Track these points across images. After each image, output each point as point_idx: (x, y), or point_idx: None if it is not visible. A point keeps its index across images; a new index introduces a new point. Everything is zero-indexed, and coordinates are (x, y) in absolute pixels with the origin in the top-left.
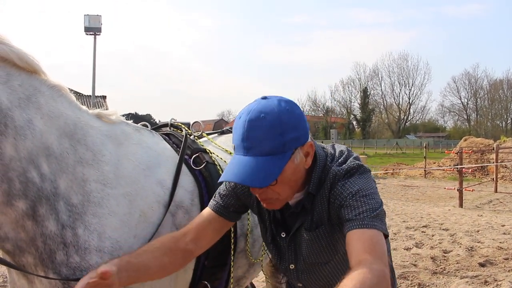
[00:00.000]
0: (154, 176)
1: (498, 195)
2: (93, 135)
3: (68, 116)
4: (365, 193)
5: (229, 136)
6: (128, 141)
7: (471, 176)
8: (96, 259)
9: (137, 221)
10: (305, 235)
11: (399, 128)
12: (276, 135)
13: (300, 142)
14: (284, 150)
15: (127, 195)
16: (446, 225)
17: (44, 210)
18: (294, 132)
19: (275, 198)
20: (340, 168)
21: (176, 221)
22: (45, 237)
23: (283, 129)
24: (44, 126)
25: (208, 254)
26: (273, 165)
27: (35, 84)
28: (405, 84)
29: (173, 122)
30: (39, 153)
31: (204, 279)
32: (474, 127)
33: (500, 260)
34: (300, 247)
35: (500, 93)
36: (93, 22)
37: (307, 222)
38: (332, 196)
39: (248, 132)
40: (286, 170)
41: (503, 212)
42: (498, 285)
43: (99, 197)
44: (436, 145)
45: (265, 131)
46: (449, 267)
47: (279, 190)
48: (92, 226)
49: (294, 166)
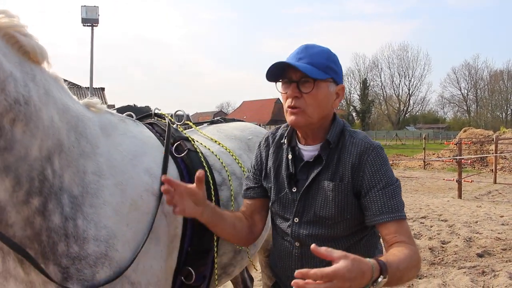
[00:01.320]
0: (141, 165)
1: (497, 186)
2: (90, 127)
3: (71, 109)
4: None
5: (218, 125)
6: (115, 131)
7: (470, 167)
8: (93, 248)
9: (128, 210)
10: (325, 185)
11: (398, 120)
12: (323, 58)
13: (338, 78)
14: (325, 71)
15: (119, 185)
16: (445, 216)
17: (52, 205)
18: (335, 66)
19: (303, 109)
20: (370, 141)
21: (164, 209)
22: (50, 231)
23: (329, 58)
24: (60, 122)
25: (191, 239)
26: (316, 71)
27: (47, 77)
28: (405, 75)
29: (156, 112)
30: (55, 150)
31: (188, 265)
32: (474, 118)
33: (498, 251)
34: (315, 198)
35: (500, 84)
36: (91, 13)
37: (328, 172)
38: (363, 162)
39: (304, 49)
40: (322, 87)
41: (502, 203)
42: (495, 275)
43: (95, 188)
44: (436, 136)
45: (316, 51)
46: (447, 258)
47: (310, 101)
48: (90, 216)
49: (327, 92)
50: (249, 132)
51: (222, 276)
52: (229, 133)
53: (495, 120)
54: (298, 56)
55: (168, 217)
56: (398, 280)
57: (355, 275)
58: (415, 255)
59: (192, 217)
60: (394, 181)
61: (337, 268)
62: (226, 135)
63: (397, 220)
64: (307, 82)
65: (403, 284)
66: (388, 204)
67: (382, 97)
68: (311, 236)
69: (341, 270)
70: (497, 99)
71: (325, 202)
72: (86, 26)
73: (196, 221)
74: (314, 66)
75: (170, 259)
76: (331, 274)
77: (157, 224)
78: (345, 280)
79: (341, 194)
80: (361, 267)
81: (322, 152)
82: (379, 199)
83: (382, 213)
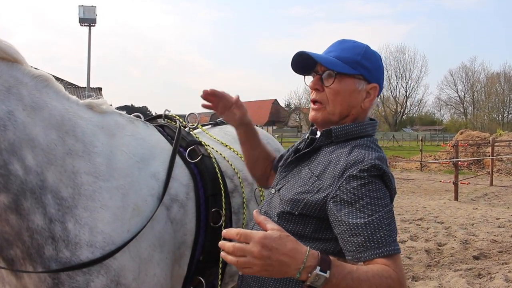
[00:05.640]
0: (148, 169)
1: (494, 188)
2: (83, 126)
3: (54, 107)
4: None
5: (223, 127)
6: (121, 132)
7: (467, 169)
8: (87, 254)
9: (130, 215)
10: (303, 170)
11: (395, 121)
12: (355, 54)
13: (370, 76)
14: (354, 67)
15: (120, 188)
16: (441, 218)
17: (29, 204)
18: (368, 63)
19: (324, 105)
20: (380, 164)
21: (171, 215)
22: (32, 232)
23: (363, 55)
24: (27, 118)
25: (202, 249)
26: (341, 65)
27: (17, 75)
28: (402, 77)
29: (167, 114)
30: (23, 145)
31: (199, 275)
32: (470, 121)
33: (494, 253)
34: (290, 176)
35: (497, 86)
36: (88, 13)
37: (314, 160)
38: (348, 171)
39: (338, 43)
40: (347, 82)
41: (498, 206)
42: (491, 278)
43: (90, 190)
44: (432, 138)
45: (348, 46)
46: (443, 260)
47: (331, 96)
48: (83, 220)
49: (354, 88)
50: None
51: (229, 284)
52: (236, 135)
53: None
54: (330, 49)
55: (175, 223)
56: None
57: (276, 247)
58: (388, 279)
59: (230, 121)
60: (381, 208)
61: (259, 232)
62: (234, 137)
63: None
64: (330, 76)
65: None
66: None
67: (379, 98)
68: (272, 212)
69: (262, 235)
70: (494, 102)
71: (291, 185)
72: (84, 26)
73: (209, 229)
74: (340, 60)
75: (178, 267)
76: (249, 235)
77: (162, 231)
78: (263, 246)
79: (308, 186)
80: (291, 244)
81: (320, 137)
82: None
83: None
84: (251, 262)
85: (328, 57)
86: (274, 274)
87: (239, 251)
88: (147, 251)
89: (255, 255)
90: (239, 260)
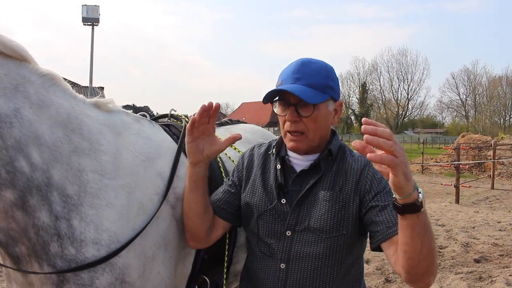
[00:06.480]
0: (154, 168)
1: (495, 191)
2: (89, 124)
3: (61, 105)
4: None
5: (229, 127)
6: (127, 131)
7: (468, 172)
8: (92, 252)
9: (135, 213)
10: (321, 195)
11: (397, 124)
12: (322, 76)
13: (336, 95)
14: (324, 91)
15: (126, 187)
16: (442, 221)
17: (35, 201)
18: (333, 83)
19: (304, 134)
20: None
21: (176, 214)
22: (38, 228)
23: (327, 75)
24: (33, 116)
25: (207, 248)
26: (315, 94)
27: (24, 73)
28: (403, 80)
29: (173, 113)
30: (29, 142)
31: (203, 274)
32: (472, 124)
33: (495, 257)
34: (310, 209)
35: (499, 90)
36: (91, 13)
37: (326, 182)
38: (364, 174)
39: (300, 67)
40: (321, 108)
41: (499, 209)
42: (492, 281)
43: (96, 188)
44: (434, 141)
45: (314, 70)
46: (444, 263)
47: (310, 125)
48: (89, 217)
49: (327, 111)
50: (259, 135)
51: (233, 283)
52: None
53: (493, 125)
54: (295, 76)
55: (180, 222)
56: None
57: (404, 160)
58: None
59: (191, 154)
60: None
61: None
62: None
63: None
64: (306, 106)
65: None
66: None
67: (381, 101)
68: (303, 253)
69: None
70: (495, 105)
71: (320, 213)
72: (87, 25)
73: None
74: (312, 87)
75: (182, 265)
76: (391, 136)
77: (167, 229)
78: (401, 152)
79: (338, 204)
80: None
81: (322, 161)
82: (389, 212)
83: (395, 225)
84: (401, 154)
85: (306, 89)
86: (407, 176)
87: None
88: (152, 249)
89: (402, 152)
90: (395, 146)
